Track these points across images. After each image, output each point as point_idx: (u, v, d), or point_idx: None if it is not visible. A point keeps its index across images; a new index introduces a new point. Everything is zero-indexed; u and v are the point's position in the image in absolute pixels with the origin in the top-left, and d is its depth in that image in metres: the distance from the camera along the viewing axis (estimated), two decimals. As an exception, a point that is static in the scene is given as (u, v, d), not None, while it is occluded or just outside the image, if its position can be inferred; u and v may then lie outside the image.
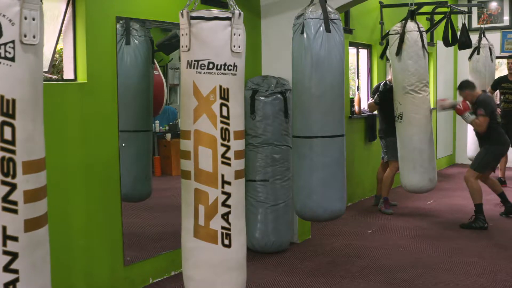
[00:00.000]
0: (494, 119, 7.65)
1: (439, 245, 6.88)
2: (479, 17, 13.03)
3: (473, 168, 7.74)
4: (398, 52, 7.44)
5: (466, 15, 11.43)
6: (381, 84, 8.51)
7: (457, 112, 7.77)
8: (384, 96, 8.29)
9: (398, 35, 7.48)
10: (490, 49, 11.05)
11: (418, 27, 7.53)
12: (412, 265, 6.15)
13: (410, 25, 7.54)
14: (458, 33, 10.19)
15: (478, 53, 11.00)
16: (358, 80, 10.06)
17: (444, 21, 9.89)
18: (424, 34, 7.53)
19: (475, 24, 12.93)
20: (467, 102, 7.64)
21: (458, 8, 10.79)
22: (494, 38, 11.89)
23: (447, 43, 9.92)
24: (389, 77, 8.75)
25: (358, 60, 10.00)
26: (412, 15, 7.64)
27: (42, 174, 2.90)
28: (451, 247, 6.79)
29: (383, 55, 8.97)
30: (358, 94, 9.66)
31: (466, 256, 6.44)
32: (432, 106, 11.70)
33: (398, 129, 7.74)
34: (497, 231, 7.48)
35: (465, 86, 7.82)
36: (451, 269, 6.03)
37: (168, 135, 6.46)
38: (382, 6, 9.84)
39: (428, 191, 7.85)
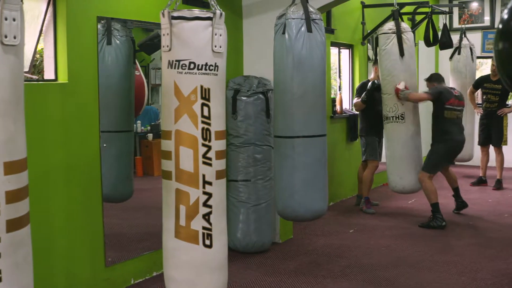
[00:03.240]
0: (441, 111, 7.68)
1: (420, 244, 6.91)
2: (460, 17, 13.10)
3: (422, 169, 7.78)
4: (402, 52, 7.51)
5: (447, 15, 11.50)
6: (369, 82, 8.51)
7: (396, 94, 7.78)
8: (371, 95, 8.31)
9: (394, 34, 7.53)
10: (471, 49, 11.10)
11: (410, 28, 7.69)
12: (394, 264, 6.17)
13: (403, 25, 7.65)
14: (439, 33, 10.25)
15: (459, 53, 11.05)
16: (340, 80, 10.08)
17: (426, 21, 9.94)
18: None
19: (456, 24, 13.00)
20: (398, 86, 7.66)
21: (439, 8, 10.84)
22: (475, 38, 11.96)
23: (428, 43, 9.98)
24: (371, 76, 8.77)
25: (340, 60, 10.01)
26: (400, 15, 7.72)
27: (24, 174, 2.90)
28: (432, 246, 6.82)
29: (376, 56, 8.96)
30: (340, 94, 9.67)
31: (447, 255, 6.47)
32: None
33: (397, 130, 7.74)
34: (478, 231, 7.52)
35: (435, 79, 7.96)
36: (433, 268, 6.06)
37: (150, 135, 6.45)
38: (364, 6, 9.86)
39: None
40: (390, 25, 7.71)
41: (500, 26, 2.39)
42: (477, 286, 5.56)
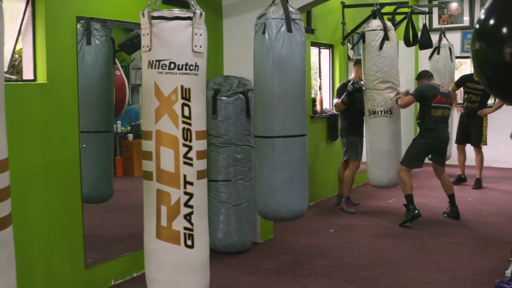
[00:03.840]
0: (428, 109, 7.72)
1: (400, 243, 6.93)
2: (439, 17, 13.17)
3: (401, 162, 7.85)
4: (381, 46, 7.59)
5: (427, 15, 11.55)
6: (349, 84, 8.45)
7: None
8: (351, 96, 8.30)
9: (383, 31, 7.60)
10: (450, 49, 11.19)
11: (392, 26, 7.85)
12: (374, 263, 6.19)
13: (387, 23, 7.73)
14: (419, 33, 10.30)
15: (438, 53, 11.13)
16: (320, 80, 10.09)
17: (405, 21, 9.98)
18: None
19: (435, 24, 13.07)
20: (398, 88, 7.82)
21: (419, 8, 10.89)
22: (454, 38, 12.05)
23: (408, 43, 10.02)
24: (352, 76, 8.78)
25: (320, 60, 10.03)
26: (381, 14, 7.79)
27: (5, 174, 2.88)
28: (412, 245, 6.85)
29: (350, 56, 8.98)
30: (320, 93, 9.68)
31: (427, 253, 6.50)
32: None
33: (385, 124, 7.78)
34: (457, 229, 7.56)
35: (422, 76, 8.11)
36: (413, 266, 6.08)
37: (130, 136, 6.42)
38: (344, 6, 9.88)
39: None
40: (377, 22, 7.76)
41: (477, 26, 2.41)
42: (457, 284, 5.59)
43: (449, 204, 8.18)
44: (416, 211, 7.66)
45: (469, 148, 10.56)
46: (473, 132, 10.26)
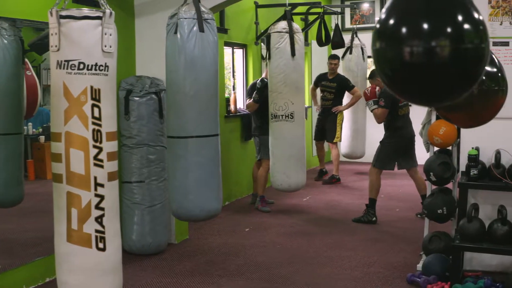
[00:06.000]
0: (395, 110, 7.63)
1: (315, 240, 7.02)
2: (351, 17, 13.39)
3: (373, 165, 7.84)
4: (294, 53, 7.55)
5: (339, 16, 11.75)
6: (258, 80, 8.50)
7: (364, 98, 7.84)
8: (262, 93, 8.29)
9: (288, 34, 7.57)
10: (362, 48, 11.43)
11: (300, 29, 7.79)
12: (289, 261, 6.25)
13: (295, 25, 7.71)
14: (331, 33, 10.45)
15: (350, 53, 11.35)
16: (234, 79, 10.12)
17: (318, 21, 10.11)
18: None
19: (348, 25, 13.28)
20: (376, 89, 7.66)
21: (331, 8, 11.07)
22: (366, 38, 12.22)
23: (320, 43, 10.15)
24: (263, 75, 8.81)
25: (233, 60, 10.06)
26: (290, 16, 7.79)
27: None
28: (326, 242, 6.94)
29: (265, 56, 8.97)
30: (234, 93, 9.71)
31: (341, 250, 6.60)
32: (307, 105, 11.96)
33: (286, 129, 7.73)
34: (370, 226, 7.68)
35: (376, 74, 7.85)
36: (327, 263, 6.17)
37: (42, 138, 6.30)
38: (257, 6, 9.94)
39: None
40: (283, 24, 7.73)
41: (378, 26, 2.47)
42: (370, 279, 5.70)
43: (421, 205, 8.01)
44: (374, 218, 7.77)
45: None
46: (328, 128, 10.58)
